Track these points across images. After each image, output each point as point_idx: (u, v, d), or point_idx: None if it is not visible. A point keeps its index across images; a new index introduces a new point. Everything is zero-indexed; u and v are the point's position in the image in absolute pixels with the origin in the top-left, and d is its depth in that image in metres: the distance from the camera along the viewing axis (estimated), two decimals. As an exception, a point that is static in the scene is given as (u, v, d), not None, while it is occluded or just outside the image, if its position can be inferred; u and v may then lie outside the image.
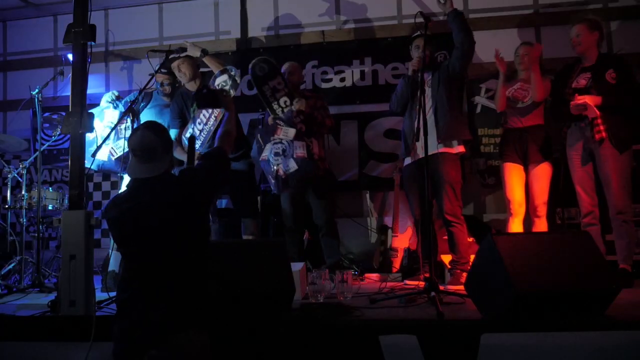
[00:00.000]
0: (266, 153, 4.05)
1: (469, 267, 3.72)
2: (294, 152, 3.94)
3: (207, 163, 2.42)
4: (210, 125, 3.76)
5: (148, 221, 2.14)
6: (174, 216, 2.15)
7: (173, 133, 3.91)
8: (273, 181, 4.08)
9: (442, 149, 3.70)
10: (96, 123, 3.93)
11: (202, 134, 3.80)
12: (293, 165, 3.93)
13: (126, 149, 3.81)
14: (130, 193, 2.26)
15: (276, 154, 3.97)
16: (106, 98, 4.25)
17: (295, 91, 4.14)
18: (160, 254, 2.13)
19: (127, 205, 2.19)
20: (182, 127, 4.01)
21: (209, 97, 3.36)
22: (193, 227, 2.21)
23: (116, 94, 4.27)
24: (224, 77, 3.53)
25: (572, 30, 3.67)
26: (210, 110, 3.70)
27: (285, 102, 3.98)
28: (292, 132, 3.93)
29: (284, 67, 4.23)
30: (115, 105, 4.20)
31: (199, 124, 3.79)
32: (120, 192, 2.33)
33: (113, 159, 4.07)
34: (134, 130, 2.34)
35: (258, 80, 4.01)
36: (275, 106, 4.01)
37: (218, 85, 3.52)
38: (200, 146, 3.74)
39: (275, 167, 3.99)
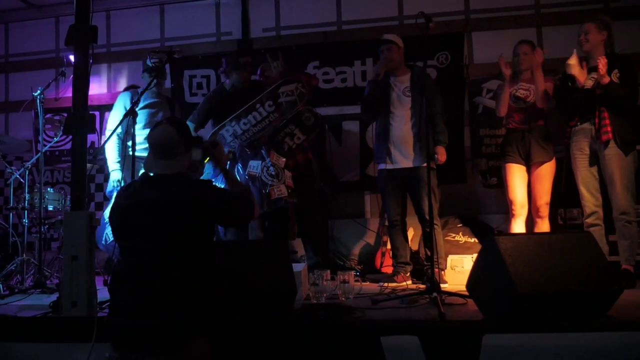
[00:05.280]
0: (256, 170, 3.92)
1: (444, 266, 3.82)
2: (285, 180, 3.92)
3: (230, 200, 2.30)
4: (257, 128, 3.82)
5: (149, 217, 2.11)
6: (177, 217, 2.12)
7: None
8: (259, 200, 3.95)
9: (421, 164, 3.79)
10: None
11: (245, 134, 3.84)
12: (284, 192, 3.89)
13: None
14: (142, 185, 2.22)
15: (271, 176, 3.92)
16: (128, 97, 4.21)
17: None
18: (159, 253, 2.10)
19: (137, 197, 2.16)
20: (200, 127, 4.07)
21: None
22: (196, 230, 2.17)
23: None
24: (291, 86, 3.74)
25: (581, 28, 3.64)
26: (266, 113, 3.79)
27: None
28: (283, 161, 3.92)
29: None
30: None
31: (244, 124, 3.82)
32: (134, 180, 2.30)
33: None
34: (155, 125, 2.30)
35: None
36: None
37: (283, 93, 3.74)
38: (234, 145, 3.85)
39: (268, 189, 3.93)
